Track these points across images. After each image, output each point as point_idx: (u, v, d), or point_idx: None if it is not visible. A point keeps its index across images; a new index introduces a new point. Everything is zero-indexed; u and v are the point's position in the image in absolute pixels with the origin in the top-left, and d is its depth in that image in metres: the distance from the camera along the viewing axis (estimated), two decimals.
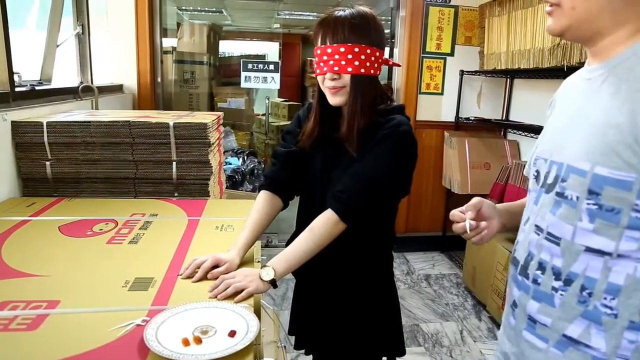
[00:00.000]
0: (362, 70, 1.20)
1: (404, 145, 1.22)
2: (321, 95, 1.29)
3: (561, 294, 0.83)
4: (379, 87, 1.28)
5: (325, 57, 1.21)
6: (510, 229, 1.10)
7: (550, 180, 0.87)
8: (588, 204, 0.78)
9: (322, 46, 1.21)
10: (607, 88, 0.80)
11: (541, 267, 0.87)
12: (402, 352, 1.41)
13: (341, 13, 1.21)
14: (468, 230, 1.01)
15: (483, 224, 1.04)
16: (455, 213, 1.04)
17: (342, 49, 1.18)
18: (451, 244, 3.98)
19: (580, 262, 0.80)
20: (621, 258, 0.76)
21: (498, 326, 2.78)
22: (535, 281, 0.88)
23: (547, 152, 0.90)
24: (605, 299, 0.78)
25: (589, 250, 0.79)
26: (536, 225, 0.89)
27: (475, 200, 1.05)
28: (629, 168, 0.73)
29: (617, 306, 0.77)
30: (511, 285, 0.98)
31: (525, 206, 0.98)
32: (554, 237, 0.85)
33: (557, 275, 0.84)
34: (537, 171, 0.94)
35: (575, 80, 0.93)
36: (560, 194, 0.83)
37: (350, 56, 1.19)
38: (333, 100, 1.25)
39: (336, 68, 1.20)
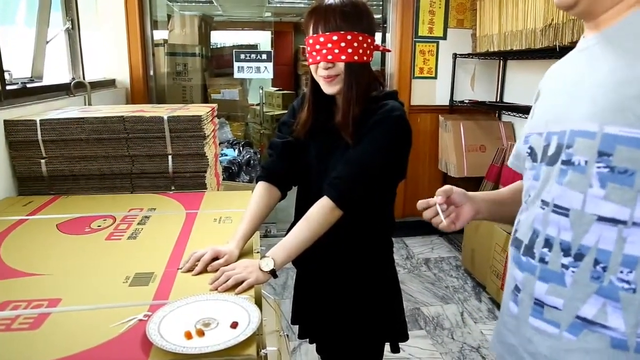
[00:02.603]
0: (356, 58, 1.20)
1: (397, 130, 1.23)
2: (314, 84, 1.29)
3: (572, 271, 0.76)
4: (371, 74, 1.28)
5: (317, 46, 1.20)
6: (487, 217, 1.08)
7: (551, 152, 0.81)
8: (599, 167, 0.71)
9: (314, 35, 1.21)
10: (612, 50, 0.76)
11: (548, 243, 0.80)
12: (405, 338, 1.42)
13: (332, 1, 1.20)
14: (442, 215, 1.00)
15: (452, 207, 1.03)
16: (421, 202, 1.04)
17: (334, 37, 1.18)
18: None
19: (592, 233, 0.73)
20: (637, 226, 0.70)
21: (498, 307, 2.81)
22: (542, 260, 0.81)
23: (542, 126, 0.85)
24: (621, 272, 0.71)
25: (601, 219, 0.72)
26: (541, 200, 0.82)
27: (446, 186, 1.04)
28: None
29: (636, 279, 0.70)
30: (512, 268, 0.90)
31: (523, 188, 0.93)
32: (561, 208, 0.78)
33: (566, 250, 0.77)
34: (531, 147, 0.88)
35: (567, 59, 0.90)
36: (566, 162, 0.77)
37: (343, 44, 1.18)
38: (329, 89, 1.24)
39: (330, 57, 1.19)
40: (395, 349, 1.44)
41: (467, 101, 3.80)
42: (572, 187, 0.76)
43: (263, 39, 7.09)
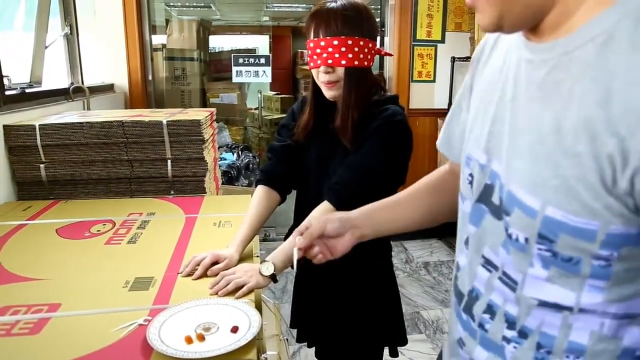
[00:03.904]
0: (356, 63, 1.20)
1: (398, 135, 1.23)
2: (316, 88, 1.29)
3: (514, 347, 0.66)
4: (372, 78, 1.28)
5: (318, 50, 1.21)
6: (378, 234, 0.97)
7: (496, 201, 0.67)
8: (540, 249, 0.60)
9: (315, 39, 1.21)
10: (556, 89, 0.58)
11: (490, 310, 0.69)
12: (404, 342, 1.42)
13: (333, 5, 1.20)
14: (294, 261, 0.92)
15: (316, 249, 0.92)
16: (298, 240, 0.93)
17: (335, 42, 1.18)
18: (449, 231, 3.98)
19: (533, 317, 0.64)
20: (584, 313, 0.60)
21: None
22: (482, 326, 0.71)
23: (483, 153, 0.70)
24: (567, 357, 0.62)
25: (543, 304, 0.62)
26: (484, 258, 0.70)
27: (313, 228, 0.91)
28: (590, 215, 0.55)
29: None
30: (454, 320, 0.79)
31: (459, 222, 0.78)
32: (510, 280, 0.66)
33: (510, 323, 0.66)
34: (471, 175, 0.73)
35: (514, 49, 0.67)
36: (506, 229, 0.64)
37: (343, 49, 1.18)
38: (329, 94, 1.25)
39: (330, 61, 1.19)
40: (393, 354, 1.43)
41: None
42: (512, 262, 0.65)
43: (261, 43, 7.11)
